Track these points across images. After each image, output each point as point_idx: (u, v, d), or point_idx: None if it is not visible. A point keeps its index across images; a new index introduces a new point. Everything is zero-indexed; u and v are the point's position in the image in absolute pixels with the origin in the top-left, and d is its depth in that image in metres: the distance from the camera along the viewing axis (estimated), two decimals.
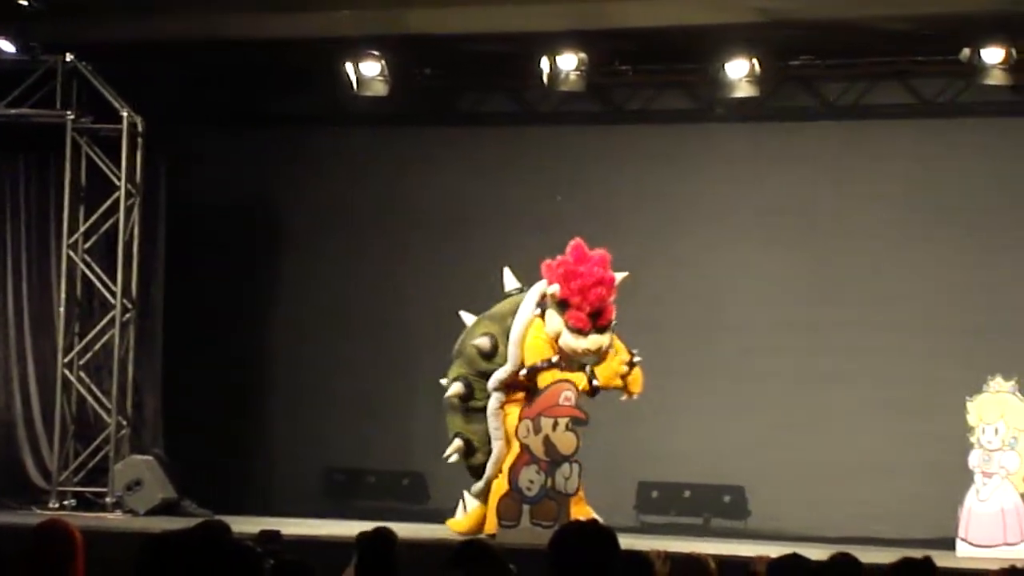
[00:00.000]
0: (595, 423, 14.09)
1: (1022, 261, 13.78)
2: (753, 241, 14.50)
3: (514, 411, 11.89)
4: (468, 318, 12.41)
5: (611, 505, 12.97)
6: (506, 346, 11.94)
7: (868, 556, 5.80)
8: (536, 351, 11.86)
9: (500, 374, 11.91)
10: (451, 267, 15.15)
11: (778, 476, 14.01)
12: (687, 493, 14.34)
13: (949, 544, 11.81)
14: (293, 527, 10.73)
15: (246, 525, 9.04)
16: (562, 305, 11.86)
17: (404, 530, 9.99)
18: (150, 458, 14.31)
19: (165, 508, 13.85)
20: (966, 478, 11.92)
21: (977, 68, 13.13)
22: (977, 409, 11.89)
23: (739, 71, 13.61)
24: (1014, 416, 11.80)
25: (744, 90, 13.70)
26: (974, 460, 11.87)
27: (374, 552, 6.59)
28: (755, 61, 13.58)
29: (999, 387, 11.89)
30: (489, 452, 11.99)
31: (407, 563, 6.57)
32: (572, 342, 11.82)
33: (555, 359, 11.77)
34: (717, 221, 14.66)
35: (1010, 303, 13.73)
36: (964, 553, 11.65)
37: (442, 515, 13.70)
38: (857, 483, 13.83)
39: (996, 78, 13.10)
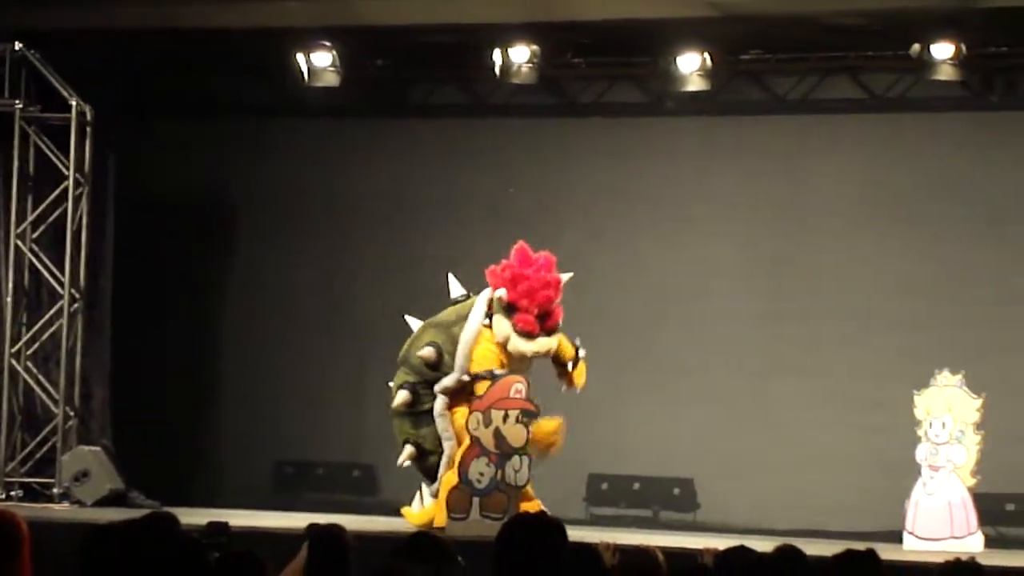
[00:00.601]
0: (545, 416, 14.10)
1: (970, 255, 13.88)
2: (704, 234, 14.54)
3: (460, 410, 11.90)
4: (414, 323, 12.38)
5: (561, 497, 13.00)
6: (452, 355, 11.93)
7: (815, 548, 5.82)
8: (485, 361, 11.88)
9: (447, 381, 11.92)
10: (402, 259, 15.13)
11: (727, 469, 14.06)
12: (636, 485, 14.38)
13: (896, 537, 11.88)
14: (242, 519, 10.69)
15: (194, 517, 8.97)
16: (509, 309, 11.88)
17: (354, 522, 10.00)
18: (98, 449, 14.23)
19: (113, 499, 13.78)
20: (914, 472, 11.98)
21: (927, 63, 13.20)
22: (924, 403, 11.95)
23: (691, 65, 13.64)
24: (961, 410, 11.86)
25: (695, 84, 13.73)
26: (921, 454, 11.93)
27: (325, 548, 6.56)
28: (706, 55, 13.61)
29: (946, 381, 11.95)
30: (441, 453, 11.98)
31: (357, 556, 6.55)
32: (521, 345, 11.86)
33: (498, 372, 11.80)
34: (668, 214, 14.69)
35: (958, 297, 13.82)
36: (911, 546, 11.71)
37: (392, 507, 13.67)
38: (805, 476, 13.90)
39: (945, 73, 13.18)
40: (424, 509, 12.13)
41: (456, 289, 12.40)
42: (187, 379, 15.37)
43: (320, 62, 14.07)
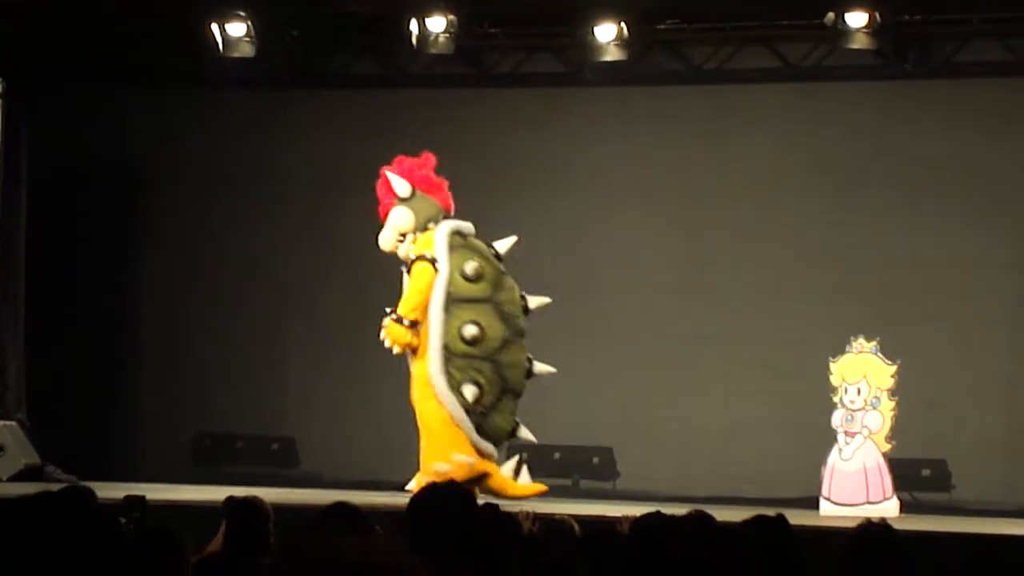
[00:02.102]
0: None
1: (886, 223, 14.01)
2: (624, 203, 14.58)
3: None
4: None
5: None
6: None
7: (733, 515, 5.85)
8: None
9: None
10: (322, 231, 15.07)
11: (646, 437, 14.13)
12: (556, 455, 14.41)
13: (813, 503, 11.99)
14: (160, 492, 10.62)
15: (112, 491, 8.93)
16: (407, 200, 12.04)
17: (274, 494, 9.96)
18: (13, 424, 14.09)
19: (28, 474, 13.65)
20: (830, 438, 12.09)
21: (841, 32, 13.28)
22: (840, 369, 12.05)
23: (608, 35, 13.65)
24: (876, 376, 11.97)
25: (613, 54, 13.74)
26: (837, 420, 12.04)
27: (244, 520, 6.54)
28: (623, 25, 13.62)
29: (862, 347, 12.06)
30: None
31: (277, 528, 6.53)
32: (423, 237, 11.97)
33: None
34: (588, 184, 14.72)
35: (873, 264, 13.96)
36: (827, 512, 11.82)
37: (312, 480, 13.68)
38: (724, 444, 14.00)
39: (860, 42, 13.26)
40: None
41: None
42: (104, 352, 15.25)
43: (235, 32, 13.96)
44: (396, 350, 11.87)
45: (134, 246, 15.58)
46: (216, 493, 9.77)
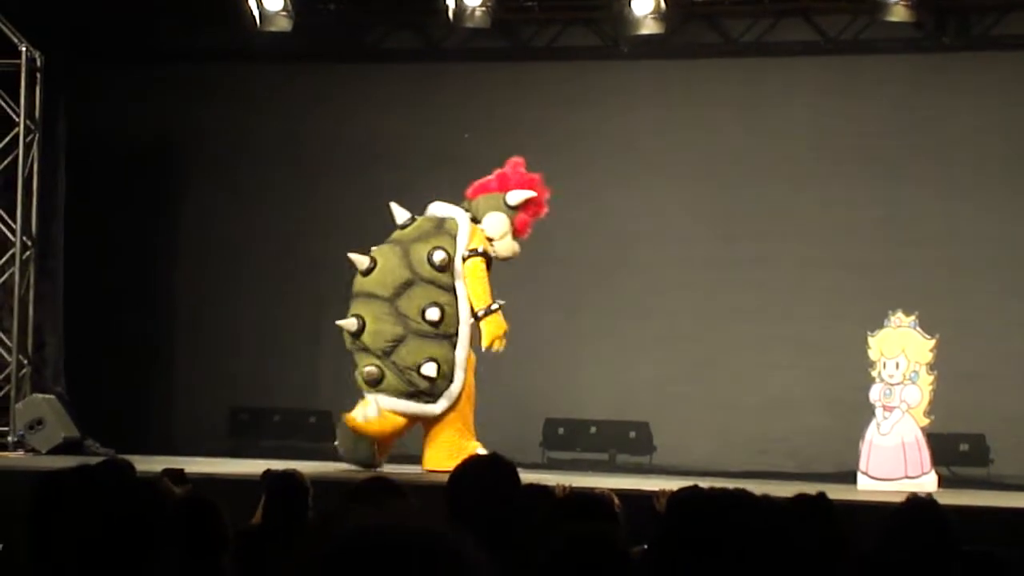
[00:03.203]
0: (502, 361, 14.11)
1: (923, 196, 13.94)
2: (660, 178, 14.54)
3: None
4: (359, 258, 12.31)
5: (518, 442, 13.02)
6: (411, 270, 11.96)
7: (769, 489, 5.84)
8: (479, 240, 11.96)
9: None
10: (357, 204, 15.06)
11: (683, 412, 14.11)
12: (593, 429, 14.42)
13: (851, 478, 11.95)
14: (197, 466, 10.67)
15: (150, 464, 8.97)
16: (515, 209, 12.00)
17: (310, 468, 10.00)
18: (52, 397, 14.16)
19: (68, 447, 13.71)
20: (868, 412, 12.04)
21: (880, 5, 13.21)
22: (878, 344, 12.00)
23: (644, 8, 13.61)
24: (914, 350, 11.91)
25: (649, 27, 13.70)
26: (875, 394, 11.99)
27: (282, 493, 6.58)
28: None
29: (900, 322, 12.00)
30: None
31: (314, 500, 6.56)
32: (509, 245, 12.02)
33: (496, 305, 11.88)
34: (624, 158, 14.68)
35: (911, 238, 13.89)
36: (865, 486, 11.78)
37: None
38: (761, 418, 13.97)
39: (898, 15, 13.19)
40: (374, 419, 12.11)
41: (402, 214, 12.40)
42: (141, 327, 15.30)
43: (272, 6, 13.96)
44: (498, 345, 11.93)
45: (171, 220, 15.62)
46: (253, 467, 9.82)
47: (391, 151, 15.05)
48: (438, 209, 12.28)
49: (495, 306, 11.88)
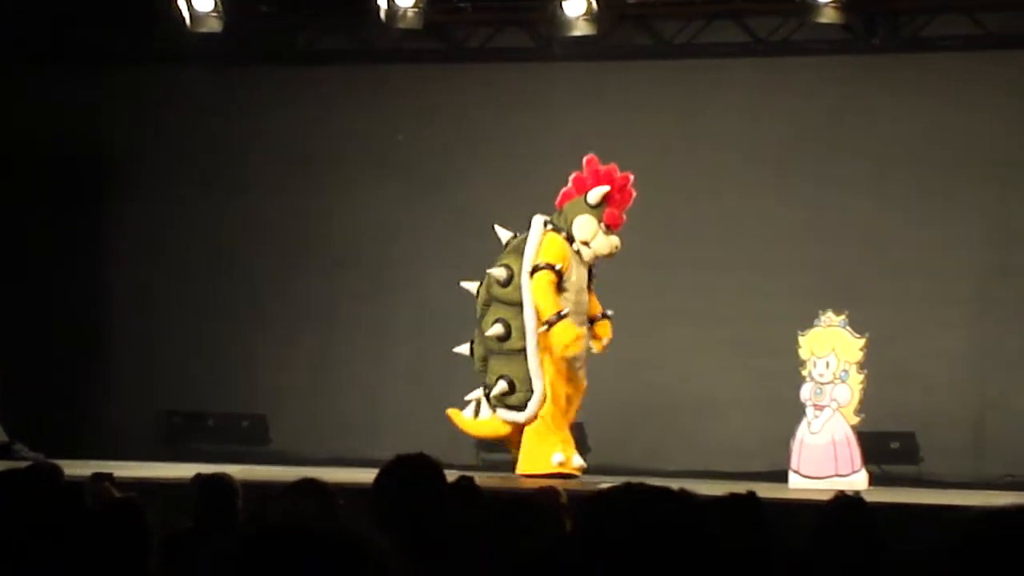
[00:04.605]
0: (438, 363, 14.11)
1: (853, 197, 14.03)
2: None
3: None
4: (470, 286, 12.38)
5: (452, 443, 13.00)
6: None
7: (702, 489, 5.86)
8: (555, 250, 11.92)
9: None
10: (290, 207, 15.02)
11: (617, 412, 14.14)
12: None
13: (782, 476, 12.01)
14: (129, 470, 10.59)
15: (80, 468, 8.90)
16: (599, 207, 12.01)
17: (244, 471, 9.94)
18: None
19: None
20: (799, 411, 12.11)
21: (810, 6, 13.28)
22: (809, 343, 12.07)
23: (577, 9, 13.63)
24: (845, 349, 11.99)
25: (582, 29, 13.72)
26: (806, 393, 12.05)
27: (213, 497, 6.55)
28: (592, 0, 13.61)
29: (830, 321, 12.08)
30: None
31: (246, 504, 6.54)
32: (605, 242, 12.03)
33: (565, 311, 11.83)
34: (557, 161, 14.66)
35: (841, 239, 13.99)
36: (796, 485, 11.85)
37: (282, 457, 13.65)
38: (694, 418, 14.02)
39: (829, 16, 13.28)
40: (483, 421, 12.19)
41: (504, 234, 12.40)
42: (73, 328, 15.18)
43: (202, 7, 13.88)
44: (573, 351, 11.87)
45: (103, 223, 15.50)
46: (186, 470, 9.75)
47: (323, 153, 15.01)
48: (533, 223, 12.28)
49: (564, 312, 11.84)
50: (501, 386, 12.01)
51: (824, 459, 11.88)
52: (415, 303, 14.71)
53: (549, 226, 12.15)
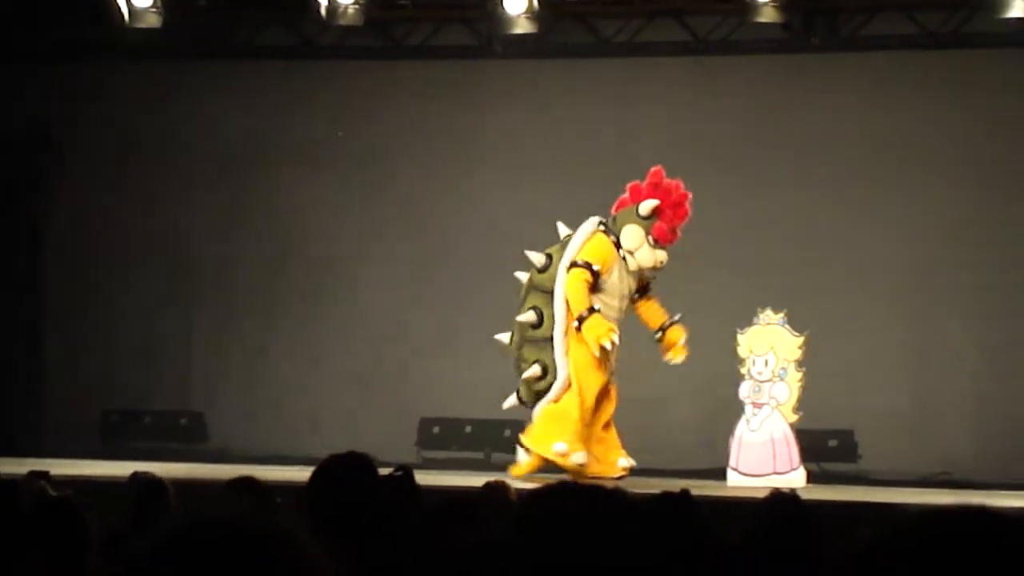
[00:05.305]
0: (378, 361, 14.09)
1: (791, 195, 14.10)
2: (536, 177, 14.57)
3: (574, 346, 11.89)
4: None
5: (392, 441, 13.01)
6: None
7: (639, 487, 5.89)
8: (598, 251, 11.87)
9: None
10: (229, 202, 14.96)
11: None
12: (468, 428, 14.41)
13: (721, 474, 12.06)
14: (66, 468, 10.52)
15: (15, 467, 8.84)
16: (649, 219, 11.91)
17: (181, 470, 9.90)
18: None
19: None
20: (738, 409, 12.16)
21: (749, 6, 13.34)
22: (747, 341, 12.12)
23: (517, 7, 13.63)
24: (783, 347, 12.05)
25: (523, 27, 13.72)
26: (744, 391, 12.11)
27: (147, 496, 6.54)
28: None
29: (769, 319, 12.13)
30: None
31: (183, 502, 6.52)
32: (650, 255, 11.90)
33: (597, 306, 11.79)
34: (500, 158, 14.70)
35: (779, 237, 14.05)
36: (734, 482, 11.90)
37: (221, 455, 13.59)
38: (631, 415, 14.03)
39: (768, 16, 13.33)
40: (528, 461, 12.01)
41: (564, 230, 12.33)
42: (9, 325, 15.06)
43: (141, 2, 13.79)
44: (606, 340, 11.81)
45: (37, 218, 15.38)
46: (123, 468, 9.70)
47: (263, 148, 14.95)
48: (586, 222, 12.23)
49: (596, 306, 11.79)
50: (534, 370, 11.94)
51: (763, 457, 11.94)
52: (353, 301, 14.67)
53: (602, 227, 12.11)
